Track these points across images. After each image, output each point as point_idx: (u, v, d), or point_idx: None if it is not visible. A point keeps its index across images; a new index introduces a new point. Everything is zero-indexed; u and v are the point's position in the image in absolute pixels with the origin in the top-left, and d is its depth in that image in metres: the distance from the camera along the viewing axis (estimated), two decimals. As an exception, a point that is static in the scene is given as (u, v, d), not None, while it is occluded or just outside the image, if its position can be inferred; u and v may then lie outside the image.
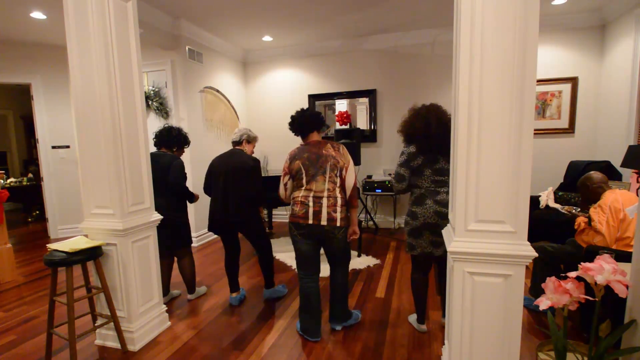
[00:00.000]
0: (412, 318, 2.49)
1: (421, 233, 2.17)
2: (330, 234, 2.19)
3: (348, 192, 2.25)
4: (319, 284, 2.33)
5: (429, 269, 2.30)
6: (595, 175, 2.48)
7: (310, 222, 2.17)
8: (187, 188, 2.78)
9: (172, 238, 2.74)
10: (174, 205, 2.72)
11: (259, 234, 2.80)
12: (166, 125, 2.89)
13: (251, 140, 2.92)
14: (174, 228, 2.73)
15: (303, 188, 2.23)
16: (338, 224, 2.18)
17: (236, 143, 2.88)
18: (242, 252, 4.17)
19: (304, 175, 2.22)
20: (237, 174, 2.66)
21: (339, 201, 2.20)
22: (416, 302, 2.36)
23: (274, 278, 3.23)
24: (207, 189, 2.83)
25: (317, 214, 2.16)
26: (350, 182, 2.24)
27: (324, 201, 2.17)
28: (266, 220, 5.01)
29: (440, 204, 2.11)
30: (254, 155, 2.93)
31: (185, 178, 2.75)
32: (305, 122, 2.33)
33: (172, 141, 2.83)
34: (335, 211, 2.17)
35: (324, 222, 2.16)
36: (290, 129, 2.40)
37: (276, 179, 4.25)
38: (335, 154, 2.23)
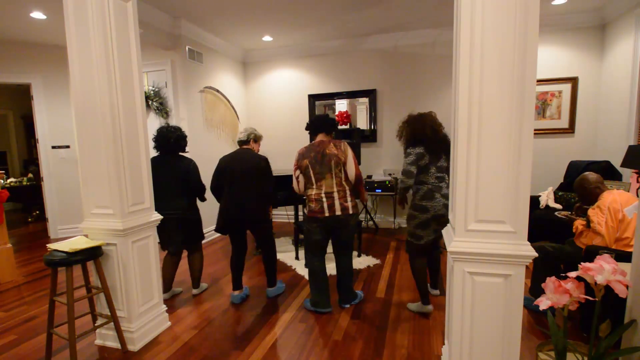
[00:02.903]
0: (414, 305, 2.62)
1: (429, 224, 2.43)
2: (345, 222, 2.52)
3: (353, 183, 2.55)
4: (325, 264, 2.66)
5: (429, 255, 2.65)
6: (591, 176, 2.48)
7: (327, 214, 2.49)
8: (204, 187, 2.94)
9: (188, 235, 2.88)
10: (191, 204, 2.87)
11: (269, 233, 2.89)
12: (172, 128, 2.84)
13: (257, 139, 2.96)
14: (190, 225, 2.86)
15: (314, 186, 2.55)
16: (350, 211, 2.52)
17: (243, 142, 2.89)
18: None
19: (311, 173, 2.54)
20: (253, 174, 2.72)
21: (348, 192, 2.54)
22: (419, 286, 2.54)
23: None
24: (217, 190, 2.82)
25: (331, 206, 2.49)
26: (351, 174, 2.52)
27: (335, 195, 2.50)
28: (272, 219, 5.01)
29: (446, 197, 2.42)
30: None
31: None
32: (313, 124, 2.66)
33: (184, 147, 2.91)
34: (346, 201, 2.51)
35: (338, 212, 2.49)
36: (306, 129, 2.74)
37: (276, 179, 4.25)
38: (337, 151, 2.51)
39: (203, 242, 4.59)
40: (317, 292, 2.63)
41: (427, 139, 2.41)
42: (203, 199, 2.99)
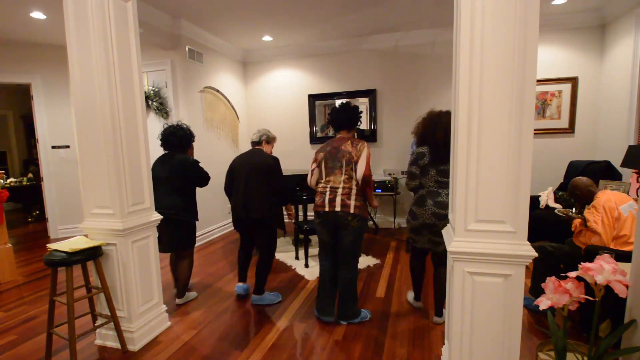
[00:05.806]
0: (410, 296, 2.77)
1: (421, 232, 2.37)
2: (344, 220, 2.35)
3: (359, 182, 2.36)
4: (333, 269, 2.51)
5: (425, 256, 2.56)
6: (580, 180, 2.52)
7: (327, 209, 2.39)
8: (206, 176, 2.84)
9: (176, 237, 2.73)
10: (186, 205, 2.75)
11: (269, 235, 2.82)
12: (169, 125, 2.84)
13: (270, 140, 2.98)
14: (180, 227, 2.73)
15: (323, 180, 2.48)
16: (352, 210, 2.34)
17: (255, 143, 2.93)
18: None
19: (323, 167, 2.47)
20: (258, 173, 2.72)
21: (354, 191, 2.37)
22: (413, 283, 2.65)
23: (270, 282, 3.24)
24: (226, 189, 2.89)
25: (332, 201, 2.37)
26: (359, 173, 2.34)
27: (339, 190, 2.38)
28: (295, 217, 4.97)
29: (438, 205, 2.28)
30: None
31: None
32: (332, 121, 2.53)
33: (174, 144, 2.81)
34: (349, 199, 2.35)
35: (338, 208, 2.35)
36: (329, 121, 2.62)
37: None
38: (351, 150, 2.38)
39: (203, 242, 4.59)
40: (320, 296, 2.54)
41: (436, 140, 2.29)
42: (203, 185, 2.89)
